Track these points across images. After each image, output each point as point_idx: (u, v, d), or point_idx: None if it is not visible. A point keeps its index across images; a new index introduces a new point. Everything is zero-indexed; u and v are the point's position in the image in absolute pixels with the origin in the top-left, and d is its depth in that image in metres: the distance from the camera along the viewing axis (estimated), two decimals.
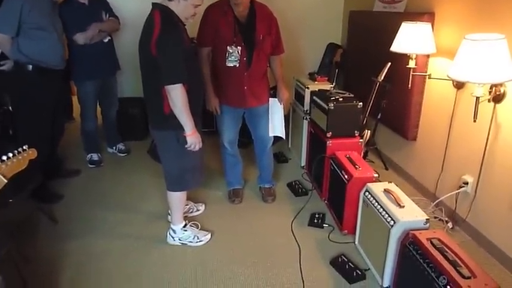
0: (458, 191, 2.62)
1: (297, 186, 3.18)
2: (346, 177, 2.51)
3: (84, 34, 3.12)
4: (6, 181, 1.59)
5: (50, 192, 3.02)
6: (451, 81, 2.58)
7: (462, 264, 1.66)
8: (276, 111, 2.86)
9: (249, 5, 2.56)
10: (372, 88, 3.23)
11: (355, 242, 2.49)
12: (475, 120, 2.26)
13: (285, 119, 2.96)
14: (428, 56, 2.87)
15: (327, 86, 3.42)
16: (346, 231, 2.58)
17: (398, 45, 2.77)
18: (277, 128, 2.88)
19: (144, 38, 2.09)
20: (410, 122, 3.10)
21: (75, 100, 4.05)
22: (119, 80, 3.68)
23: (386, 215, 2.07)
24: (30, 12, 2.60)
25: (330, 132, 2.89)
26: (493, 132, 2.33)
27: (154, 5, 2.10)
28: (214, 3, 2.60)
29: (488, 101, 2.28)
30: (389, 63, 3.09)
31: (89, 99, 3.41)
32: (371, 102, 3.27)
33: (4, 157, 1.61)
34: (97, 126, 3.58)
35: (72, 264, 2.32)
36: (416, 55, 2.78)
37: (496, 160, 2.34)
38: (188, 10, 2.11)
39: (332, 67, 4.34)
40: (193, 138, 2.18)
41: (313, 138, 3.22)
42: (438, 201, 2.81)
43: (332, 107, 2.83)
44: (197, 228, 2.60)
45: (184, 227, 2.51)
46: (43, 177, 2.83)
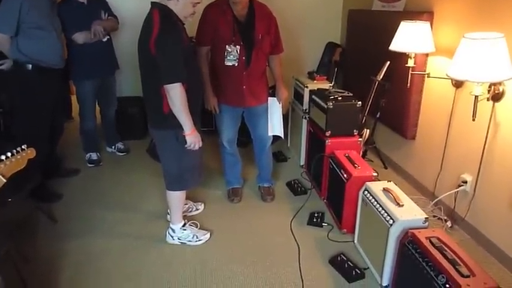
0: (457, 189, 2.63)
1: (296, 186, 3.18)
2: (345, 176, 2.52)
3: (84, 33, 3.11)
4: (5, 181, 1.59)
5: (49, 191, 3.02)
6: (450, 80, 2.58)
7: (461, 263, 1.66)
8: (274, 110, 2.86)
9: (248, 4, 2.56)
10: (371, 87, 3.23)
11: (354, 241, 2.49)
12: (474, 119, 2.27)
13: (284, 118, 2.96)
14: (427, 55, 2.88)
15: (326, 85, 3.42)
16: (345, 230, 2.58)
17: (397, 44, 2.77)
18: (275, 127, 2.88)
19: (143, 37, 2.08)
20: (409, 121, 3.10)
21: (73, 99, 4.06)
22: (117, 79, 3.68)
23: (386, 214, 2.07)
24: (29, 11, 2.60)
25: (329, 131, 2.89)
26: (491, 131, 2.34)
27: (153, 4, 2.10)
28: (213, 2, 2.60)
29: (487, 99, 2.29)
30: (388, 62, 3.09)
31: (88, 98, 3.41)
32: (370, 101, 3.27)
33: (3, 157, 1.61)
34: (96, 125, 3.58)
35: (71, 263, 2.32)
36: (415, 54, 2.78)
37: (495, 159, 2.35)
38: (187, 9, 2.11)
39: (331, 66, 4.34)
40: (193, 138, 2.18)
41: (312, 137, 3.22)
42: (437, 200, 2.82)
43: (331, 106, 2.83)
44: (196, 227, 2.60)
45: (183, 226, 2.51)
46: (42, 177, 2.83)
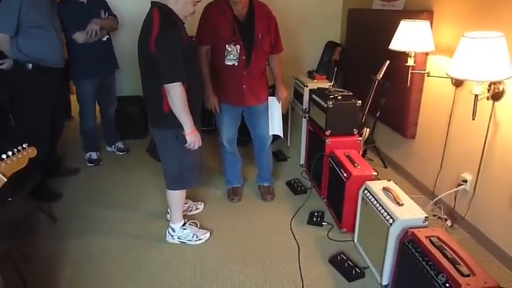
0: (457, 188, 2.63)
1: (296, 185, 3.18)
2: (345, 175, 2.51)
3: (84, 33, 3.11)
4: (6, 180, 1.59)
5: (49, 191, 3.02)
6: (450, 79, 2.58)
7: (461, 262, 1.66)
8: (274, 110, 2.86)
9: (248, 4, 2.55)
10: (371, 86, 3.24)
11: (354, 240, 2.49)
12: (473, 118, 2.27)
13: (284, 118, 2.96)
14: (427, 54, 2.88)
15: (325, 84, 3.41)
16: (345, 230, 2.58)
17: (397, 43, 2.77)
18: (275, 126, 2.88)
19: (143, 36, 2.08)
20: (409, 120, 3.10)
21: (73, 99, 4.06)
22: (117, 78, 3.68)
23: (385, 213, 2.07)
24: (28, 11, 2.60)
25: (328, 131, 2.88)
26: (491, 130, 2.34)
27: (153, 4, 2.10)
28: (213, 1, 2.60)
29: (487, 98, 2.29)
30: (388, 61, 3.09)
31: (88, 98, 3.40)
32: (370, 100, 3.27)
33: (4, 156, 1.61)
34: (96, 125, 3.58)
35: (71, 263, 2.32)
36: (415, 53, 2.78)
37: (495, 158, 2.35)
38: (187, 8, 2.11)
39: (331, 65, 4.33)
40: (193, 137, 2.18)
41: (312, 136, 3.22)
42: (437, 199, 2.82)
43: (331, 105, 2.83)
44: (196, 226, 2.61)
45: (183, 225, 2.51)
46: (42, 176, 2.83)
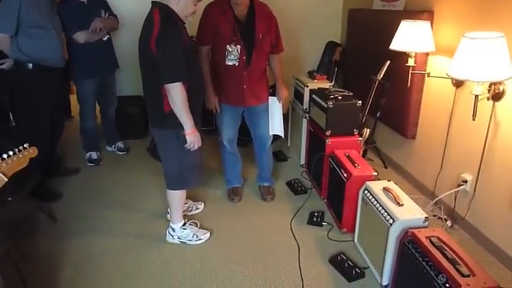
0: (458, 189, 2.63)
1: (296, 185, 3.18)
2: (345, 175, 2.51)
3: (84, 33, 3.11)
4: (6, 179, 1.58)
5: (49, 190, 3.02)
6: (450, 80, 2.58)
7: (461, 262, 1.66)
8: (275, 109, 2.85)
9: (248, 4, 2.55)
10: (371, 86, 3.23)
11: (354, 240, 2.49)
12: (474, 119, 2.27)
13: (284, 118, 2.96)
14: (427, 54, 2.88)
15: (326, 84, 3.42)
16: (345, 230, 2.58)
17: (398, 44, 2.77)
18: (276, 126, 2.88)
19: (143, 36, 2.08)
20: (409, 120, 3.10)
21: (73, 99, 4.06)
22: (117, 78, 3.68)
23: (386, 214, 2.07)
24: (28, 10, 2.60)
25: (329, 131, 2.88)
26: (492, 130, 2.34)
27: (154, 4, 2.10)
28: (214, 1, 2.60)
29: (488, 99, 2.29)
30: (388, 62, 3.09)
31: (88, 97, 3.40)
32: (370, 101, 3.27)
33: (4, 155, 1.61)
34: (96, 124, 3.58)
35: (71, 262, 2.32)
36: (416, 53, 2.78)
37: (495, 158, 2.35)
38: (188, 8, 2.11)
39: (331, 65, 4.33)
40: (193, 137, 2.18)
41: (313, 136, 3.22)
42: (437, 199, 2.82)
43: (331, 106, 2.83)
44: (196, 226, 2.60)
45: (183, 225, 2.51)
46: (42, 176, 2.83)
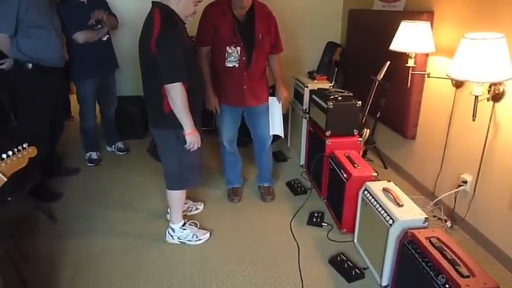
0: (457, 189, 2.63)
1: (296, 185, 3.18)
2: (345, 176, 2.51)
3: (84, 33, 3.10)
4: (6, 179, 1.58)
5: (49, 190, 3.02)
6: (450, 80, 2.58)
7: (461, 263, 1.66)
8: (274, 110, 2.86)
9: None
10: (371, 87, 3.24)
11: (354, 240, 2.49)
12: (474, 119, 2.27)
13: (284, 118, 2.96)
14: (427, 54, 2.88)
15: (326, 84, 3.42)
16: (345, 230, 2.58)
17: (398, 44, 2.77)
18: (276, 126, 2.88)
19: (144, 36, 2.08)
20: (409, 120, 3.10)
21: (73, 99, 4.06)
22: (117, 78, 3.68)
23: (385, 214, 2.07)
24: (27, 10, 2.59)
25: (329, 131, 2.88)
26: (492, 131, 2.34)
27: (154, 4, 2.10)
28: (214, 2, 2.59)
29: (487, 99, 2.29)
30: (388, 62, 3.09)
31: (88, 97, 3.40)
32: (370, 101, 3.27)
33: (4, 155, 1.61)
34: (96, 124, 3.58)
35: (71, 262, 2.32)
36: (416, 54, 2.78)
37: (495, 159, 2.35)
38: (188, 8, 2.11)
39: (331, 66, 4.33)
40: (193, 137, 2.18)
41: (312, 137, 3.22)
42: (437, 200, 2.82)
43: (331, 106, 2.83)
44: (196, 227, 2.60)
45: (183, 225, 2.51)
46: (42, 176, 2.83)
